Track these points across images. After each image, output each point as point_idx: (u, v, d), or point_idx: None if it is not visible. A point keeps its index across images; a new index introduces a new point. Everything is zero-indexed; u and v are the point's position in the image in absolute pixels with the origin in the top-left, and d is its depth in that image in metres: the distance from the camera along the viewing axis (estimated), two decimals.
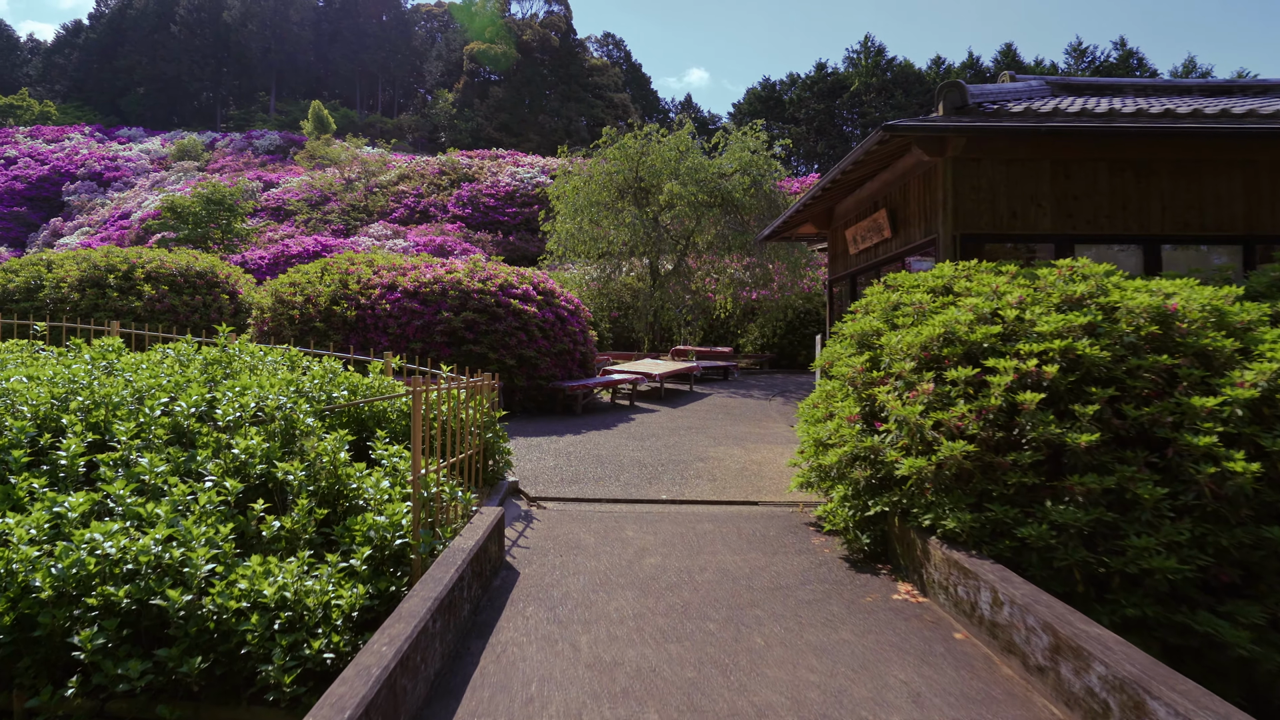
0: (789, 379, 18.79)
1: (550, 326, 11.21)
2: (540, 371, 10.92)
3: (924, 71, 77.53)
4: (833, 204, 11.17)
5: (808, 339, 21.62)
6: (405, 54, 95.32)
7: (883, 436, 4.71)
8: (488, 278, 11.11)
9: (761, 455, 8.49)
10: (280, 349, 7.02)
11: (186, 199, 32.52)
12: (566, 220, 20.73)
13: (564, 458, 7.99)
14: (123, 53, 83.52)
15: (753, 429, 10.71)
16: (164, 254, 12.32)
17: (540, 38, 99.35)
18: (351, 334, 10.45)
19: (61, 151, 59.98)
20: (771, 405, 13.61)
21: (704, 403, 13.46)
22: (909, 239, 8.57)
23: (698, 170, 19.72)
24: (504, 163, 42.64)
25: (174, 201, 32.68)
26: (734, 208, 20.22)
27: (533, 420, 10.50)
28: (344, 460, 5.02)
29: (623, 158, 20.06)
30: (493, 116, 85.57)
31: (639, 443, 9.04)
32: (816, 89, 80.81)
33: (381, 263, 11.32)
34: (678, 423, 10.94)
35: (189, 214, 31.55)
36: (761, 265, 20.24)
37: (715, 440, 9.47)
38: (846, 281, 10.87)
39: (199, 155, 60.21)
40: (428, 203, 37.48)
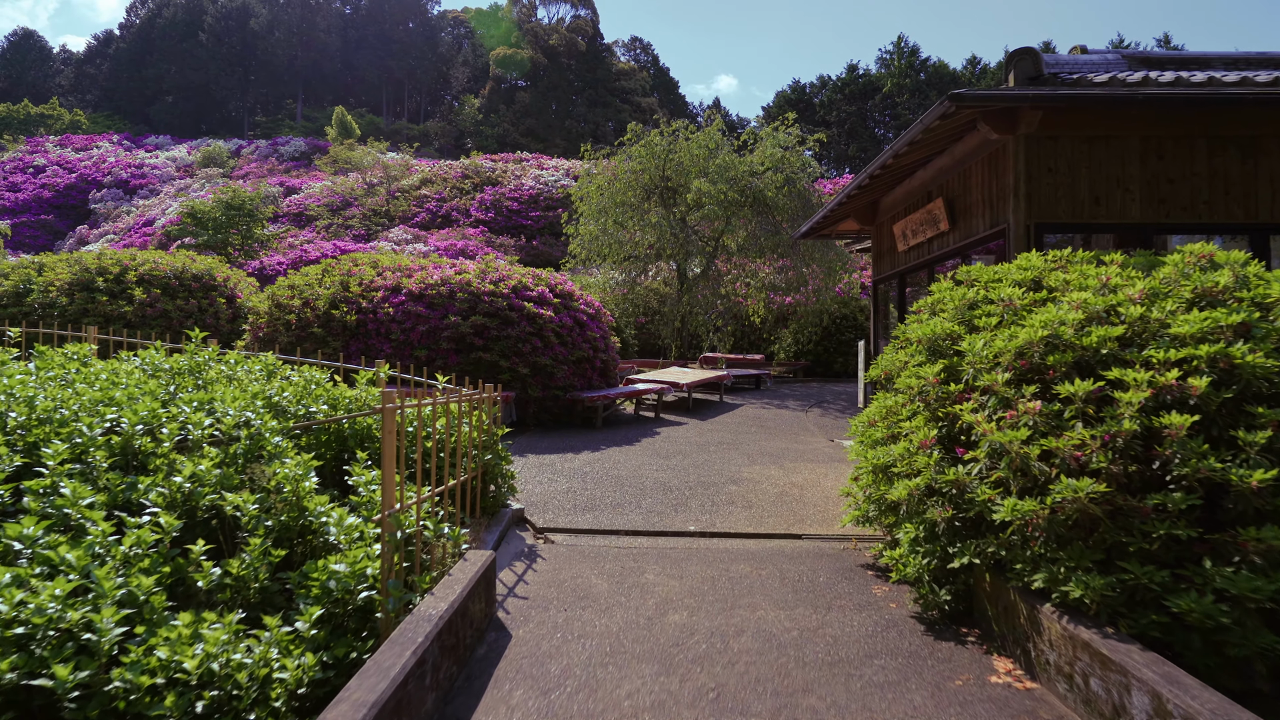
0: (825, 388, 17.74)
1: (568, 332, 10.34)
2: (556, 381, 10.05)
3: (959, 72, 75.85)
4: (878, 196, 10.19)
5: (844, 345, 20.55)
6: (431, 60, 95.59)
7: (969, 467, 3.74)
8: (500, 279, 10.27)
9: (802, 476, 7.52)
10: (260, 357, 6.22)
11: (206, 204, 32.29)
12: (590, 222, 19.91)
13: (579, 479, 7.09)
14: (151, 62, 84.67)
15: (790, 444, 9.73)
16: (160, 255, 11.67)
17: (567, 42, 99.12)
18: (352, 340, 9.67)
19: (89, 160, 60.64)
20: (808, 417, 12.60)
21: (735, 414, 12.49)
22: (970, 231, 7.57)
23: (728, 168, 18.79)
24: (528, 166, 42.02)
25: (194, 207, 32.47)
26: (765, 207, 19.24)
27: (548, 434, 9.62)
28: (309, 489, 4.15)
29: (648, 156, 19.19)
30: (519, 122, 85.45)
31: (664, 461, 8.12)
32: (847, 91, 79.46)
33: (387, 264, 10.54)
34: (707, 437, 9.99)
35: (209, 220, 31.34)
36: (795, 268, 19.23)
37: (749, 458, 8.51)
38: (894, 281, 9.86)
39: (224, 162, 60.54)
40: (450, 207, 36.95)
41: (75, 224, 52.16)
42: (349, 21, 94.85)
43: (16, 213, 53.29)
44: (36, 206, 53.83)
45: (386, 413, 3.76)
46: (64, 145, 66.38)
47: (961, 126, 7.07)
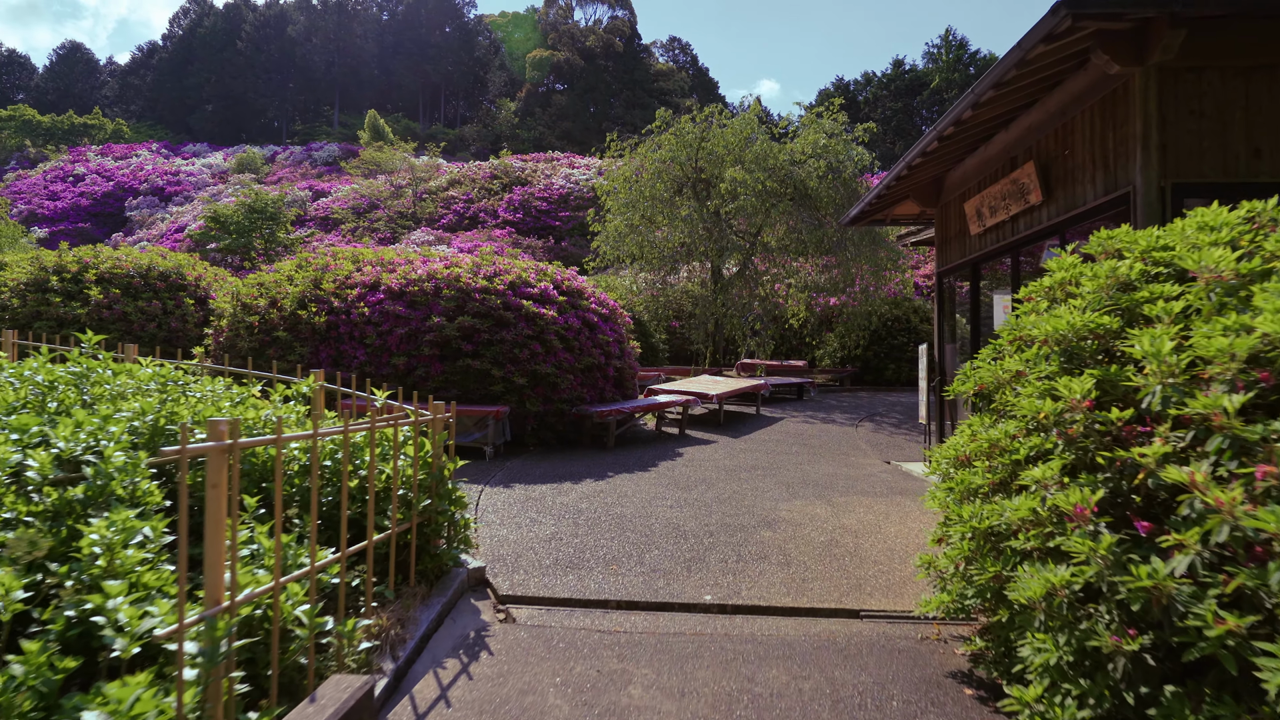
0: (876, 398, 16.00)
1: (575, 335, 8.87)
2: (560, 393, 8.58)
3: None
4: (943, 170, 8.53)
5: (896, 350, 18.75)
6: (468, 65, 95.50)
7: (1174, 564, 2.15)
8: (496, 273, 8.85)
9: (856, 517, 5.91)
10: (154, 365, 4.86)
11: (229, 208, 31.76)
12: (616, 217, 18.46)
13: (570, 520, 5.59)
14: (192, 71, 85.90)
15: (839, 469, 8.12)
16: (127, 253, 10.55)
17: (604, 43, 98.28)
18: (322, 345, 8.33)
19: (127, 168, 61.27)
20: (859, 433, 10.95)
21: (774, 430, 10.89)
22: (1073, 201, 5.90)
23: (766, 157, 17.18)
24: (559, 165, 40.82)
25: (217, 211, 31.99)
26: (808, 200, 17.57)
27: (547, 457, 8.15)
28: (127, 563, 2.72)
29: (679, 145, 17.66)
30: (555, 125, 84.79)
31: (682, 493, 6.58)
32: (893, 87, 77.07)
33: (369, 258, 9.21)
34: (738, 459, 8.43)
35: (231, 223, 30.80)
36: (841, 266, 17.51)
37: (788, 488, 6.92)
38: (965, 271, 8.19)
39: (258, 168, 60.63)
40: (477, 208, 35.90)
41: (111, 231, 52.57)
42: (385, 28, 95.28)
43: (55, 221, 53.87)
44: (74, 215, 54.40)
45: (213, 456, 2.33)
46: (105, 154, 67.34)
47: (1062, 65, 5.44)
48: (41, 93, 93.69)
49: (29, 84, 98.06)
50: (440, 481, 4.23)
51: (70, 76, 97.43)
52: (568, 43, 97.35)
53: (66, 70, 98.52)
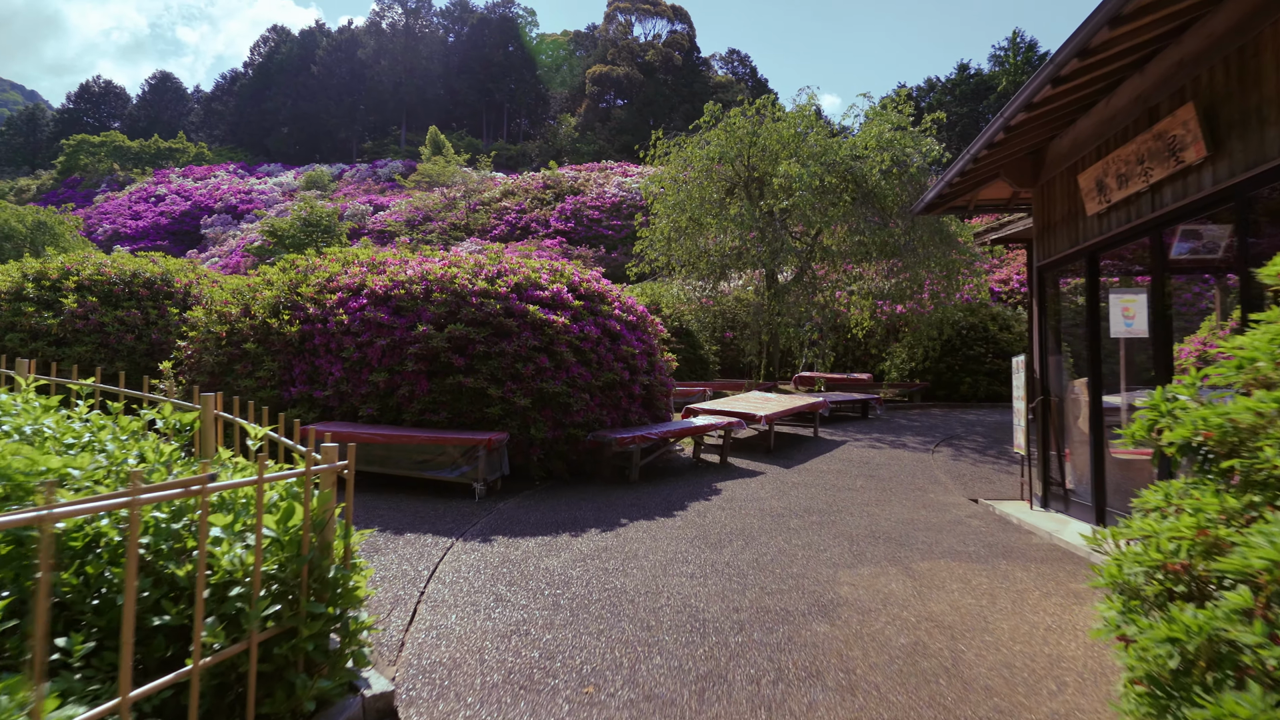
0: (952, 416, 14.03)
1: (592, 346, 7.42)
2: (573, 415, 7.12)
3: None
4: (1044, 139, 6.77)
5: (972, 362, 16.66)
6: (530, 82, 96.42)
7: None
8: (500, 273, 7.48)
9: (949, 597, 4.23)
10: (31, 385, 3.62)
11: (285, 222, 31.82)
12: (662, 219, 17.02)
13: (550, 599, 4.07)
14: (269, 96, 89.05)
15: (915, 511, 6.41)
16: (116, 259, 9.66)
17: (663, 57, 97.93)
18: (295, 359, 7.12)
19: (205, 188, 63.45)
20: (935, 461, 9.15)
21: (834, 457, 9.19)
22: (1265, 151, 4.13)
23: (824, 152, 15.48)
24: (611, 173, 39.78)
25: (274, 225, 32.11)
26: (870, 198, 15.77)
27: (551, 497, 6.68)
28: None
29: (729, 140, 16.11)
30: (614, 139, 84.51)
31: (710, 553, 5.01)
32: (958, 92, 74.00)
33: (363, 258, 7.99)
34: (789, 499, 6.79)
35: (287, 237, 30.82)
36: (909, 270, 15.61)
37: (851, 545, 5.26)
38: (1080, 263, 6.38)
39: (326, 185, 61.99)
40: (529, 218, 35.10)
41: (188, 248, 54.19)
42: (451, 49, 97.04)
43: (136, 239, 55.90)
44: (154, 233, 56.36)
45: None
46: (186, 176, 70.06)
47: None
48: (134, 120, 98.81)
49: (123, 112, 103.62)
50: (319, 568, 2.81)
51: (160, 105, 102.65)
52: (627, 58, 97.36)
53: (157, 99, 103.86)
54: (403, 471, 6.39)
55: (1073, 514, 6.54)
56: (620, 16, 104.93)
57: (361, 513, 5.67)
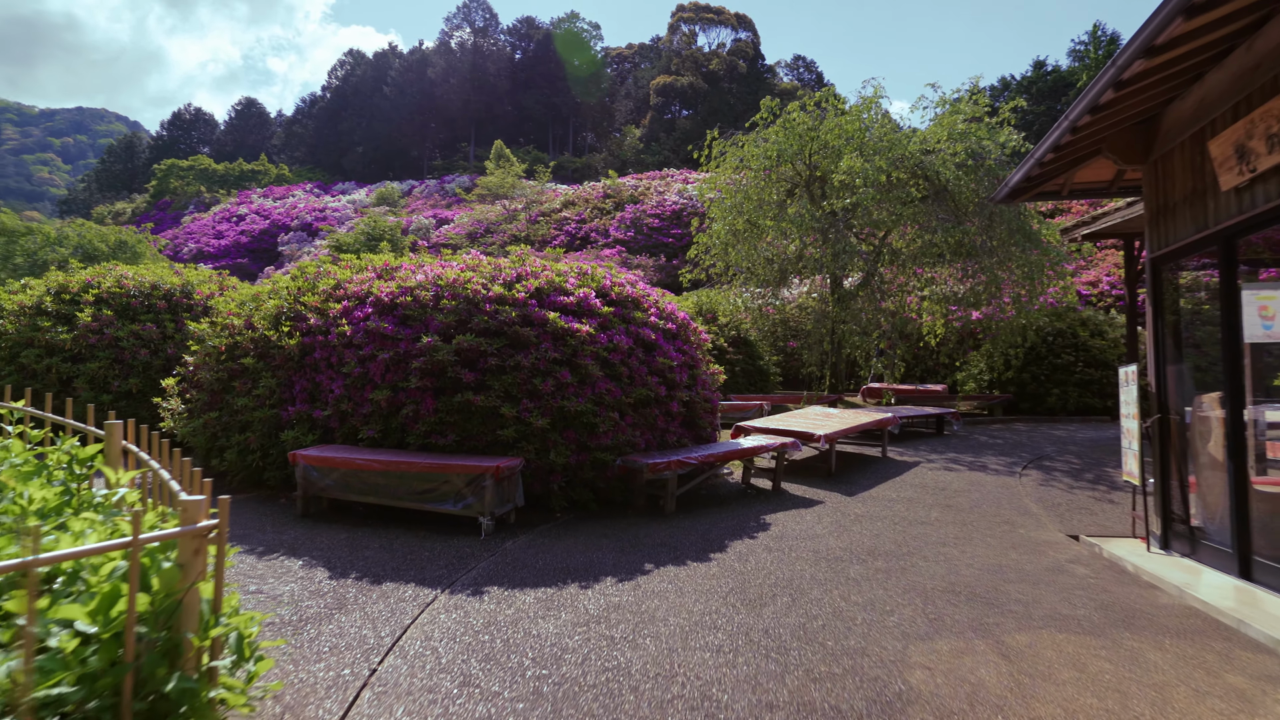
0: (1039, 432, 12.57)
1: (622, 358, 6.56)
2: (599, 437, 6.27)
3: None
4: (1163, 99, 5.57)
5: (1060, 371, 15.05)
6: (595, 95, 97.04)
7: None
8: (519, 278, 6.72)
9: (1061, 690, 3.14)
10: None
11: (349, 236, 32.30)
12: (718, 222, 16.07)
13: (530, 686, 3.16)
14: (345, 117, 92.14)
15: (1004, 553, 5.28)
16: (135, 270, 9.36)
17: (727, 66, 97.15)
18: (296, 375, 6.51)
19: (283, 207, 65.89)
20: (1023, 487, 7.92)
21: (904, 482, 8.05)
22: None
23: (891, 146, 14.28)
24: (672, 181, 39.02)
25: (339, 240, 32.64)
26: (943, 195, 14.48)
27: (570, 533, 5.82)
28: None
29: (788, 138, 15.04)
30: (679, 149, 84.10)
31: (747, 616, 4.04)
32: (1034, 90, 70.56)
33: (376, 262, 7.36)
34: (849, 537, 5.75)
35: (351, 250, 31.28)
36: (986, 271, 14.22)
37: (925, 604, 4.21)
38: (1215, 249, 5.15)
39: (395, 201, 63.54)
40: (589, 228, 34.66)
41: (265, 265, 56.19)
42: (518, 65, 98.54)
43: (218, 257, 58.28)
44: (235, 251, 58.65)
45: None
46: (266, 196, 73.02)
47: None
48: (221, 145, 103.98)
49: (211, 137, 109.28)
50: (153, 679, 2.02)
51: (245, 129, 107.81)
52: (691, 67, 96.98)
53: (242, 124, 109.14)
54: (400, 503, 5.66)
55: (1204, 559, 5.30)
56: (684, 27, 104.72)
57: (346, 553, 4.95)
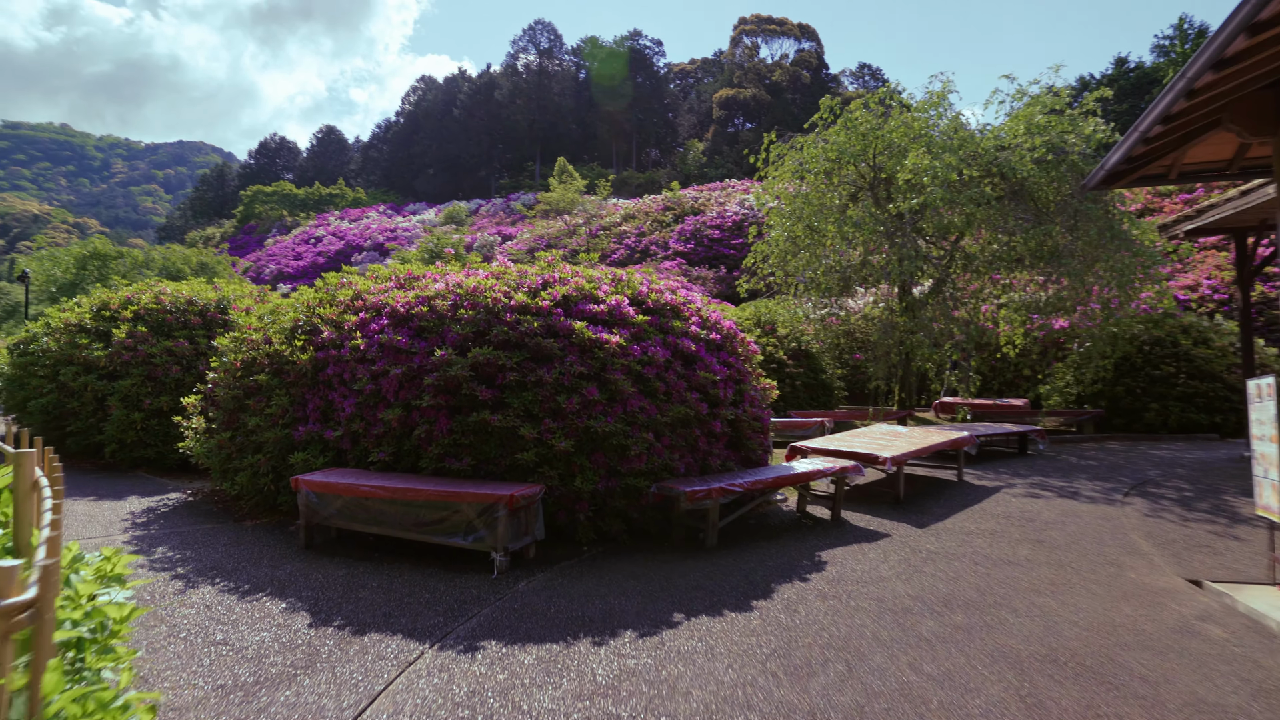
0: (1138, 452, 11.25)
1: (658, 371, 5.89)
2: (632, 461, 5.60)
3: None
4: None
5: (1159, 384, 13.55)
6: (658, 111, 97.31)
7: None
8: (545, 285, 6.14)
9: None
10: None
11: (413, 254, 32.77)
12: (776, 228, 15.29)
13: None
14: (417, 140, 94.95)
15: (1113, 607, 4.34)
16: (175, 286, 9.23)
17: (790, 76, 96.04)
18: (309, 392, 6.08)
19: (357, 228, 68.08)
20: (1127, 518, 6.85)
21: (983, 512, 7.07)
22: None
23: (962, 143, 13.24)
24: (733, 191, 38.25)
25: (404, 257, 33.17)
26: (1021, 192, 13.35)
27: (594, 570, 5.13)
28: None
29: (850, 138, 14.14)
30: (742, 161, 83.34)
31: (789, 690, 3.27)
32: (1116, 88, 66.97)
33: (400, 272, 6.92)
34: (920, 584, 4.88)
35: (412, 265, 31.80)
36: (1071, 276, 12.98)
37: (1020, 684, 3.34)
38: None
39: (463, 220, 64.92)
40: (649, 241, 34.21)
41: None
42: (581, 84, 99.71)
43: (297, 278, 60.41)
44: (313, 272, 60.78)
45: None
46: (343, 218, 75.67)
47: None
48: (303, 171, 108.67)
49: (294, 164, 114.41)
50: None
51: (325, 155, 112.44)
52: (754, 79, 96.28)
53: (323, 150, 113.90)
54: (407, 534, 5.12)
55: None
56: (746, 40, 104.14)
57: (338, 594, 4.42)
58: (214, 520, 6.09)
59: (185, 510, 6.40)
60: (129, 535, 5.57)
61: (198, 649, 3.57)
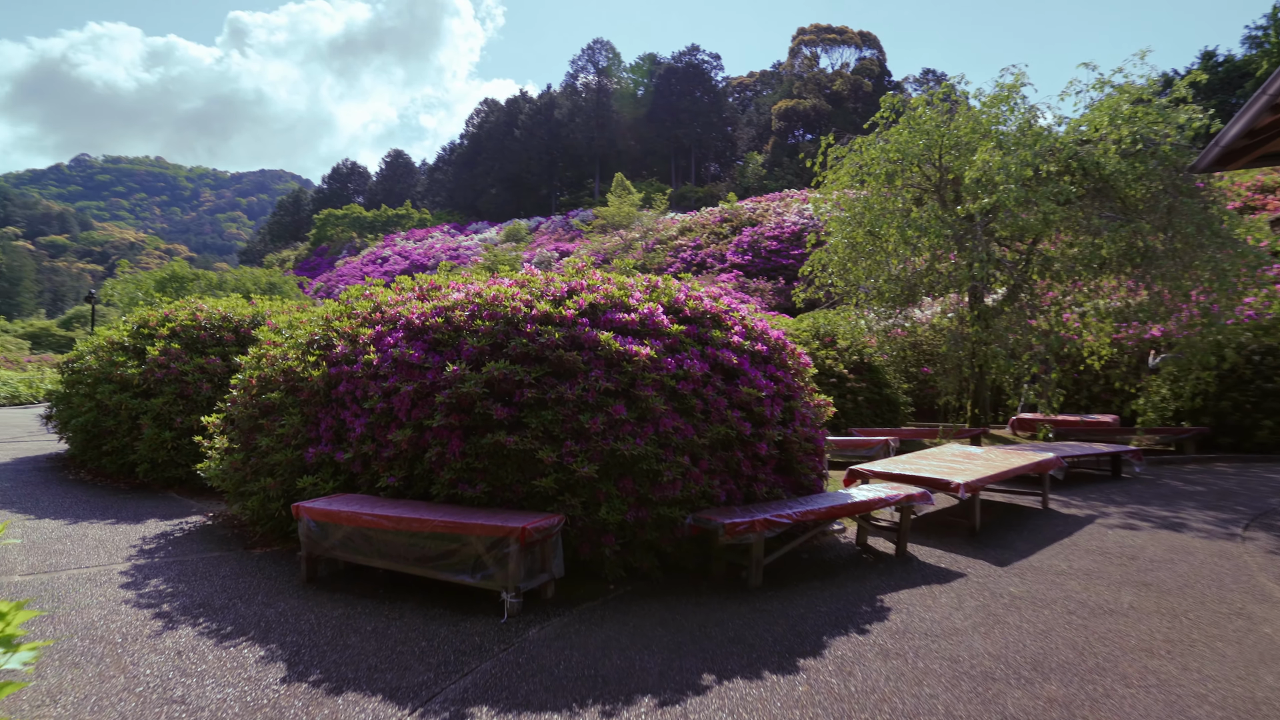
0: (1252, 474, 10.00)
1: (695, 387, 5.28)
2: (665, 488, 4.99)
3: None
4: None
5: (1271, 398, 12.11)
6: (717, 125, 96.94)
7: None
8: (569, 293, 5.62)
9: None
10: None
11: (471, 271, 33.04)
12: (836, 236, 14.49)
13: None
14: (480, 161, 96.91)
15: (1252, 676, 3.47)
16: (210, 302, 9.10)
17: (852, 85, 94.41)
18: (321, 410, 5.68)
19: (421, 248, 69.67)
20: (1249, 555, 5.86)
21: (1075, 547, 6.16)
22: None
23: (1038, 137, 12.23)
24: (792, 201, 37.32)
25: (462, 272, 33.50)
26: (1106, 189, 12.23)
27: (620, 613, 4.53)
28: None
29: (914, 136, 13.25)
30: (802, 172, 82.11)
31: None
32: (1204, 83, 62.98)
33: (424, 282, 6.51)
34: (1003, 641, 4.09)
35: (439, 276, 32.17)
36: (1167, 280, 11.79)
37: None
38: None
39: (523, 237, 65.72)
40: (705, 254, 33.61)
41: None
42: (640, 101, 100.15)
43: None
44: None
45: None
46: (409, 239, 77.62)
47: None
48: (373, 194, 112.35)
49: (364, 187, 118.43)
50: None
51: (393, 178, 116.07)
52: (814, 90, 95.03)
53: (391, 174, 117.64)
54: (412, 569, 4.62)
55: None
56: (805, 50, 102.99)
57: (326, 639, 3.94)
58: (223, 548, 5.74)
59: (199, 536, 6.08)
60: (129, 564, 5.25)
61: (149, 709, 3.12)
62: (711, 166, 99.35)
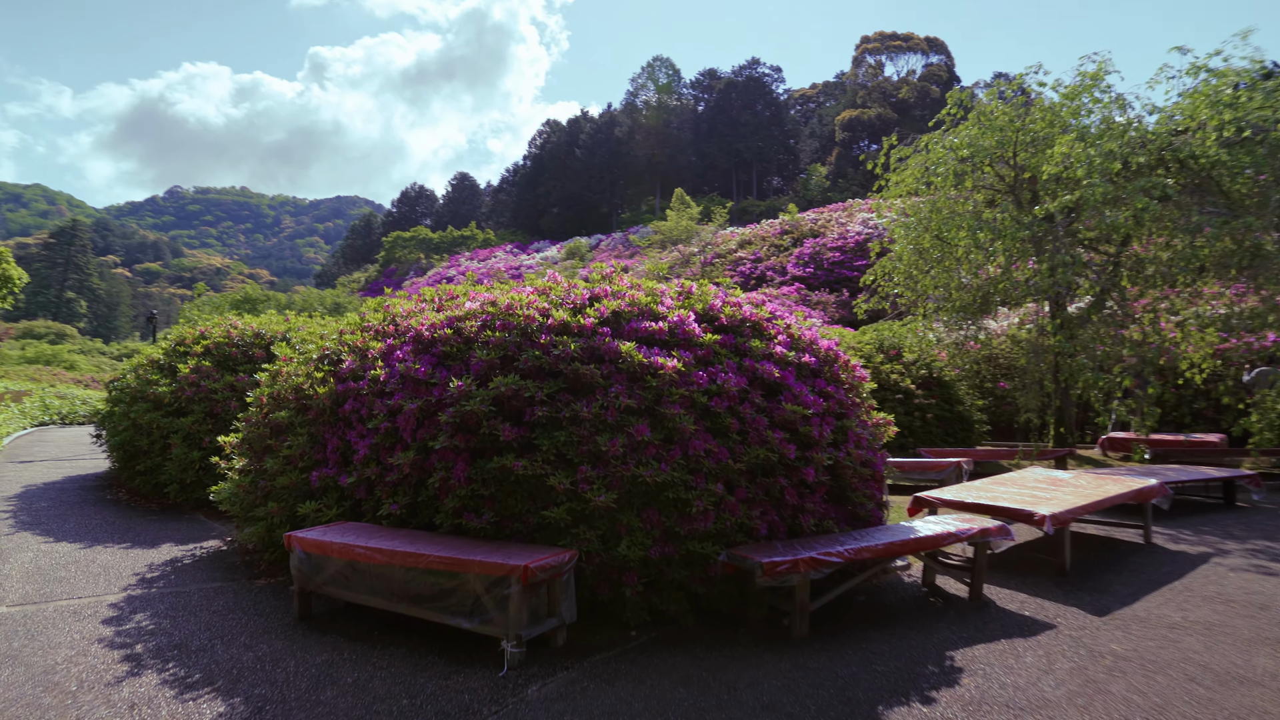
0: None
1: (731, 404, 4.65)
2: (695, 521, 4.36)
3: None
4: None
5: None
6: (778, 138, 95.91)
7: None
8: (591, 300, 5.08)
9: None
10: None
11: None
12: (901, 242, 13.60)
13: None
14: (542, 181, 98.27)
15: None
16: (246, 319, 8.93)
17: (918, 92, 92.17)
18: (328, 430, 5.28)
19: (485, 267, 70.82)
20: None
21: (1188, 592, 5.22)
22: None
23: (1125, 128, 11.16)
24: (855, 211, 36.13)
25: None
26: (1206, 183, 11.04)
27: (639, 667, 3.91)
28: None
29: (985, 132, 12.31)
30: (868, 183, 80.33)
31: None
32: None
33: (443, 292, 6.08)
34: (1110, 716, 3.33)
35: None
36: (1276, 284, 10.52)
37: None
38: None
39: (584, 255, 66.04)
40: (765, 267, 32.76)
41: None
42: (700, 116, 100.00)
43: None
44: None
45: None
46: (473, 259, 79.08)
47: None
48: (439, 216, 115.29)
49: (432, 210, 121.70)
50: None
51: (459, 200, 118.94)
52: (878, 98, 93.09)
53: (457, 196, 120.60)
54: (406, 610, 4.11)
55: None
56: (869, 59, 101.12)
57: (299, 693, 3.45)
58: (227, 577, 5.38)
59: (207, 563, 5.75)
60: (123, 595, 4.92)
61: None
62: (774, 180, 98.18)
